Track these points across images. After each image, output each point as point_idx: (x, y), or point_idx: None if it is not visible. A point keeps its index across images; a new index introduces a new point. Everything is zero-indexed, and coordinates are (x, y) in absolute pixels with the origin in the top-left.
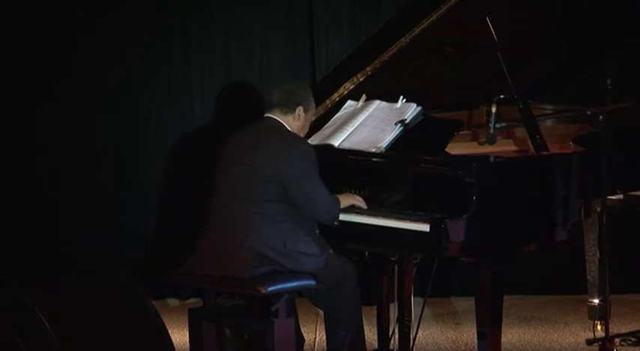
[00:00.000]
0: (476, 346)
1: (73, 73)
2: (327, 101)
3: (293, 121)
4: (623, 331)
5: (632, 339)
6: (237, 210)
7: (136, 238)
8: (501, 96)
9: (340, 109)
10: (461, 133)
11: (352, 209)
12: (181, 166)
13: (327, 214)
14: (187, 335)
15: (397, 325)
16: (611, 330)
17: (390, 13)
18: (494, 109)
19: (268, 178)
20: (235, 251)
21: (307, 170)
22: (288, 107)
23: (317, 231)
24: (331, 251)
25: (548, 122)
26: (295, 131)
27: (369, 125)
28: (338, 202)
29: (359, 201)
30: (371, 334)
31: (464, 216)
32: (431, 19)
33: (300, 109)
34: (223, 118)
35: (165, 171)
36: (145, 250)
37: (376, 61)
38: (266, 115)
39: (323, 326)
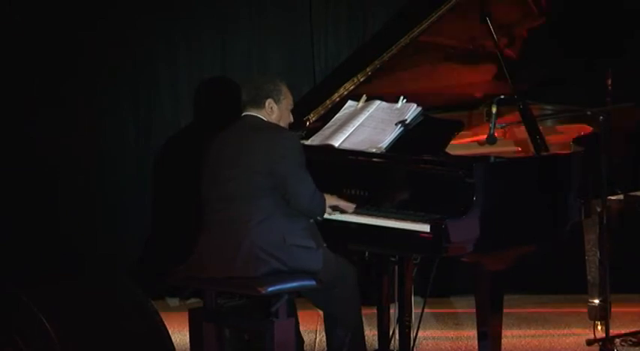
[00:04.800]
0: (476, 347)
1: (74, 75)
2: (328, 101)
3: (268, 115)
4: (623, 331)
5: (633, 339)
6: (232, 212)
7: (136, 239)
8: (501, 96)
9: (340, 109)
10: (461, 133)
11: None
12: (181, 167)
13: (309, 202)
14: (188, 335)
15: (397, 326)
16: (611, 330)
17: (390, 13)
18: (494, 110)
19: (259, 173)
20: (235, 253)
21: (295, 158)
22: (259, 103)
23: (311, 221)
24: (325, 245)
25: (549, 122)
26: (275, 123)
27: (369, 125)
28: (323, 196)
29: (342, 204)
30: (371, 335)
31: (464, 216)
32: (431, 19)
33: (269, 102)
34: (223, 120)
35: (165, 172)
36: (144, 251)
37: (376, 62)
38: (243, 113)
39: (323, 327)
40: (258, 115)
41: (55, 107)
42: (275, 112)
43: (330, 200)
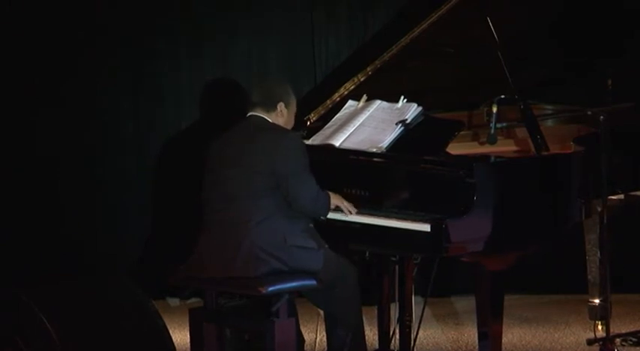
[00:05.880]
0: (477, 347)
1: (74, 75)
2: (328, 101)
3: (276, 118)
4: (623, 331)
5: (633, 339)
6: (233, 212)
7: (136, 239)
8: (502, 96)
9: (341, 109)
10: (461, 133)
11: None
12: (181, 168)
13: (313, 205)
14: (188, 335)
15: (398, 325)
16: (611, 330)
17: (390, 13)
18: (495, 109)
19: (260, 174)
20: (235, 253)
21: (298, 159)
22: (270, 105)
23: (311, 224)
24: (327, 246)
25: (549, 122)
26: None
27: (369, 125)
28: (328, 196)
29: (345, 206)
30: (372, 334)
31: (464, 216)
32: (431, 19)
33: (281, 106)
34: (223, 120)
35: (165, 172)
36: (144, 251)
37: (377, 61)
38: (250, 113)
39: (323, 326)
40: (266, 118)
41: (55, 107)
42: (284, 116)
43: (334, 200)
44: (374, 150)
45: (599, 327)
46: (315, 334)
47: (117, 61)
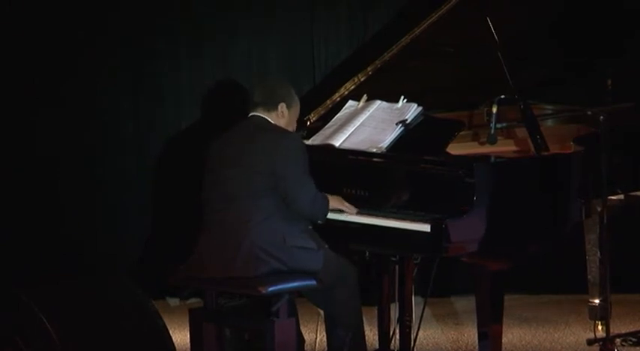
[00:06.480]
0: (477, 347)
1: (74, 75)
2: (328, 101)
3: (277, 118)
4: (623, 331)
5: (633, 339)
6: (232, 212)
7: (136, 239)
8: (502, 96)
9: (341, 109)
10: (461, 133)
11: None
12: (181, 168)
13: (311, 207)
14: (188, 335)
15: (398, 325)
16: (611, 330)
17: (390, 13)
18: (494, 109)
19: (260, 174)
20: (235, 253)
21: (297, 160)
22: (271, 105)
23: (310, 226)
24: (327, 246)
25: (549, 122)
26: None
27: (369, 125)
28: (326, 198)
29: (346, 206)
30: (372, 335)
31: (464, 216)
32: (431, 19)
33: (282, 106)
34: (223, 120)
35: (165, 172)
36: (144, 251)
37: (377, 61)
38: (251, 114)
39: (323, 326)
40: (266, 117)
41: (55, 107)
42: (285, 116)
43: (334, 203)
44: (374, 150)
45: (599, 327)
46: (315, 334)
47: (117, 61)
